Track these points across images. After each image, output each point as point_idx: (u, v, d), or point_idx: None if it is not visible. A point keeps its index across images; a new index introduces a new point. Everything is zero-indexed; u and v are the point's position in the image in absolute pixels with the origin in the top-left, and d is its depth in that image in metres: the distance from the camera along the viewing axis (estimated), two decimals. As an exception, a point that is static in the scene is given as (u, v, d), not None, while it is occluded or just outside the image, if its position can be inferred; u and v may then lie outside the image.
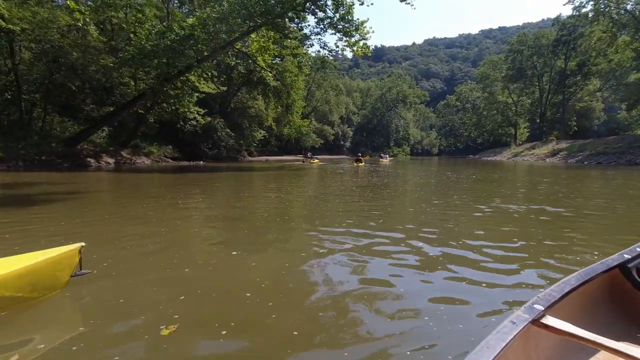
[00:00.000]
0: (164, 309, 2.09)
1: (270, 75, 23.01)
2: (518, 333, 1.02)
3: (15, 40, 16.84)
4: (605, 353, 1.08)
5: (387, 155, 41.56)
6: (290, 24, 19.71)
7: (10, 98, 18.34)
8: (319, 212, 5.76)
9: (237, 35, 17.42)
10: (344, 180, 11.99)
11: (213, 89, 23.38)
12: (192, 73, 18.99)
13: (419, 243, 3.60)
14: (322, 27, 18.11)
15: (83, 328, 1.90)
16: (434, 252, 3.31)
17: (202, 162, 26.05)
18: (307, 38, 19.39)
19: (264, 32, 19.19)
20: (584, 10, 34.65)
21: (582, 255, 3.20)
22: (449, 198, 7.47)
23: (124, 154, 21.58)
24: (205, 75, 20.59)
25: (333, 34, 18.10)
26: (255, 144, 37.90)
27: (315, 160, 29.77)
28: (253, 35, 18.94)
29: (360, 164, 24.06)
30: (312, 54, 26.62)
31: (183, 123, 25.98)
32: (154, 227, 4.31)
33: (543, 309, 1.15)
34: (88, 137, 19.42)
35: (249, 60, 21.92)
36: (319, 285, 2.53)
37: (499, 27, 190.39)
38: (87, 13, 16.64)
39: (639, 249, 1.72)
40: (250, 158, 35.76)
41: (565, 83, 47.38)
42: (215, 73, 22.63)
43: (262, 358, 1.65)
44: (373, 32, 17.63)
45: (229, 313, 2.07)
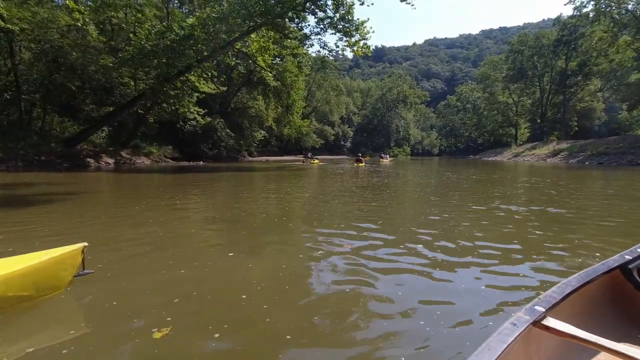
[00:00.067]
0: (157, 312, 2.06)
1: (271, 76, 22.96)
2: (519, 335, 1.02)
3: (15, 40, 16.87)
4: (606, 354, 1.08)
5: (387, 156, 41.50)
6: (290, 24, 19.65)
7: (10, 98, 18.35)
8: (318, 213, 5.73)
9: (237, 35, 17.40)
10: (344, 181, 11.95)
11: (213, 89, 23.35)
12: (192, 73, 18.97)
13: (418, 244, 3.57)
14: (322, 27, 18.09)
15: (74, 331, 1.87)
16: (434, 253, 3.27)
17: (202, 162, 26.01)
18: (307, 38, 19.35)
19: (264, 32, 19.16)
20: (585, 10, 34.60)
21: (582, 257, 3.16)
22: (449, 199, 7.45)
23: (124, 154, 21.57)
24: (205, 75, 20.56)
25: (333, 34, 18.09)
26: (256, 144, 37.89)
27: (316, 161, 29.73)
28: (253, 35, 18.92)
29: (361, 164, 24.04)
30: (312, 54, 26.55)
31: (183, 123, 25.98)
32: (151, 227, 4.28)
33: (544, 311, 1.15)
34: (88, 137, 19.42)
35: (249, 60, 21.88)
36: (315, 287, 2.50)
37: (500, 27, 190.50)
38: (86, 13, 16.65)
39: None
40: (251, 158, 35.73)
41: (566, 83, 47.32)
42: (215, 73, 22.59)
43: (254, 362, 1.61)
44: (373, 32, 17.59)
45: (223, 315, 2.05)
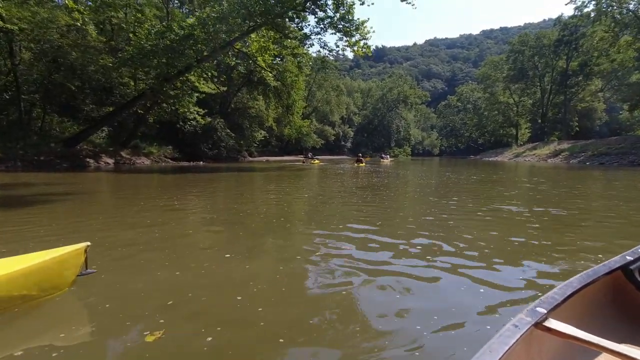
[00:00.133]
0: (151, 314, 2.02)
1: (271, 76, 22.94)
2: (521, 336, 1.01)
3: (15, 40, 16.83)
4: (608, 356, 1.06)
5: (388, 156, 41.42)
6: (290, 24, 19.61)
7: (10, 98, 18.32)
8: (317, 214, 5.69)
9: (237, 35, 17.37)
10: (344, 181, 11.92)
11: (213, 89, 23.32)
12: (191, 73, 18.94)
13: (417, 246, 3.53)
14: (322, 26, 18.05)
15: (64, 334, 1.83)
16: (433, 254, 3.23)
17: (202, 162, 25.97)
18: (307, 38, 19.31)
19: (264, 32, 19.14)
20: (586, 10, 34.59)
21: (584, 258, 3.13)
22: (449, 199, 7.41)
23: (124, 155, 21.53)
24: (205, 76, 20.54)
25: (333, 34, 18.05)
26: (256, 145, 37.85)
27: (316, 161, 29.70)
28: (253, 35, 18.90)
29: (361, 165, 24.01)
30: (312, 54, 26.52)
31: (183, 123, 25.92)
32: (148, 228, 4.25)
33: (546, 312, 1.15)
34: (87, 137, 19.39)
35: (249, 60, 21.86)
36: (312, 289, 2.46)
37: (500, 27, 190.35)
38: (86, 13, 16.63)
39: None
40: (251, 158, 35.70)
41: (567, 83, 47.29)
42: (215, 73, 22.56)
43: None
44: (373, 32, 17.54)
45: (218, 317, 2.02)
